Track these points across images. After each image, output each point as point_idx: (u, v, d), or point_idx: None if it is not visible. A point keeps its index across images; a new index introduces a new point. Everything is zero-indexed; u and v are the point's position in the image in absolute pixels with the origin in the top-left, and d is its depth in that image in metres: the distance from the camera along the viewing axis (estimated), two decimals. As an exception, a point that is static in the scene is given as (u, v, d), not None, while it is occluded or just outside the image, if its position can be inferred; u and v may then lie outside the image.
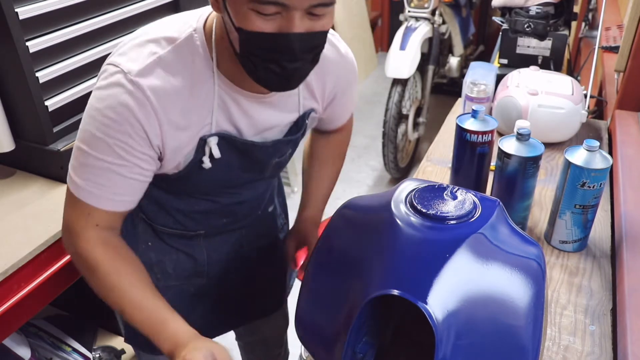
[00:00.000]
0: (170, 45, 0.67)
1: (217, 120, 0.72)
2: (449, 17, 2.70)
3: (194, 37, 0.68)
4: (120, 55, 0.68)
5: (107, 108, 0.65)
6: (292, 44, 0.61)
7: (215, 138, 0.72)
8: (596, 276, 0.80)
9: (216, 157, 0.73)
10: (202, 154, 0.73)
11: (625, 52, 1.18)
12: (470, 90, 1.15)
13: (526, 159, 0.80)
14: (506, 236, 0.59)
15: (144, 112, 0.65)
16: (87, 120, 0.67)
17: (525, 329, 0.52)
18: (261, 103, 0.74)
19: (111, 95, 0.65)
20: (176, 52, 0.67)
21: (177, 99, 0.67)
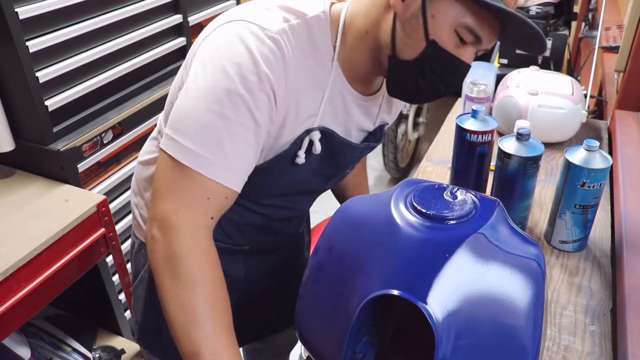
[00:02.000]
0: (300, 19, 0.63)
1: (323, 113, 0.68)
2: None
3: (322, 19, 0.64)
4: (245, 13, 0.62)
5: (247, 60, 0.57)
6: (464, 72, 0.64)
7: (318, 133, 0.68)
8: (596, 276, 0.80)
9: (315, 153, 0.68)
10: (298, 147, 0.67)
11: (625, 52, 1.18)
12: (470, 90, 1.15)
13: (526, 159, 0.80)
14: (506, 236, 0.59)
15: (279, 71, 0.59)
16: (216, 74, 0.58)
17: (525, 329, 0.52)
18: (359, 105, 0.72)
19: (249, 47, 0.58)
20: (306, 26, 0.63)
21: (300, 75, 0.62)
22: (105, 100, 1.16)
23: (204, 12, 1.45)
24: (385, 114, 0.80)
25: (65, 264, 0.94)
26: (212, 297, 0.57)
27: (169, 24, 1.30)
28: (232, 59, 0.58)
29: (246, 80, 0.57)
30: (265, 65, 0.58)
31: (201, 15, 1.44)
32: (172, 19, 1.31)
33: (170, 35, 1.34)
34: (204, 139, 0.56)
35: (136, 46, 1.22)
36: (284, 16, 0.62)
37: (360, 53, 0.65)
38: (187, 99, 0.59)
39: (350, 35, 0.65)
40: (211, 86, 0.57)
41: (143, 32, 1.22)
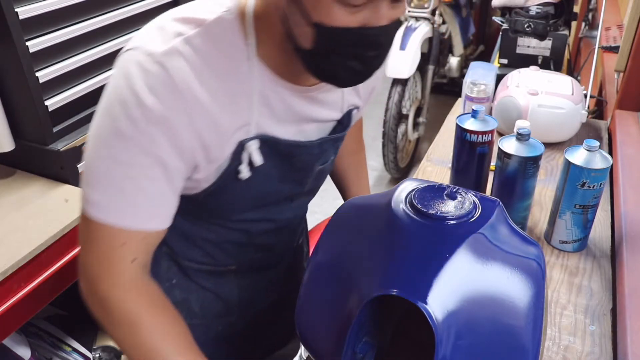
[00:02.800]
0: (198, 27, 0.57)
1: (258, 120, 0.61)
2: (449, 17, 2.70)
3: (225, 19, 0.58)
4: (139, 38, 0.57)
5: (129, 96, 0.54)
6: (379, 38, 0.54)
7: (257, 142, 0.62)
8: (596, 276, 0.80)
9: (257, 165, 0.63)
10: (238, 162, 0.62)
11: (625, 52, 1.18)
12: (470, 90, 1.15)
13: (526, 159, 0.80)
14: (506, 236, 0.59)
15: (172, 95, 0.54)
16: (104, 118, 0.55)
17: (525, 329, 0.52)
18: (305, 97, 0.65)
19: (132, 81, 0.54)
20: (207, 33, 0.57)
21: (208, 89, 0.56)
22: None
23: (204, 12, 1.44)
24: (353, 97, 0.74)
25: (65, 263, 0.94)
26: (158, 327, 0.58)
27: (169, 23, 1.30)
28: (116, 98, 0.55)
29: (132, 118, 0.54)
30: (152, 95, 0.53)
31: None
32: (172, 19, 1.31)
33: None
34: (104, 188, 0.55)
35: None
36: (178, 30, 0.56)
37: (279, 44, 0.58)
38: (87, 147, 0.58)
39: (264, 27, 0.58)
40: (101, 132, 0.55)
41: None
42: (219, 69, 0.57)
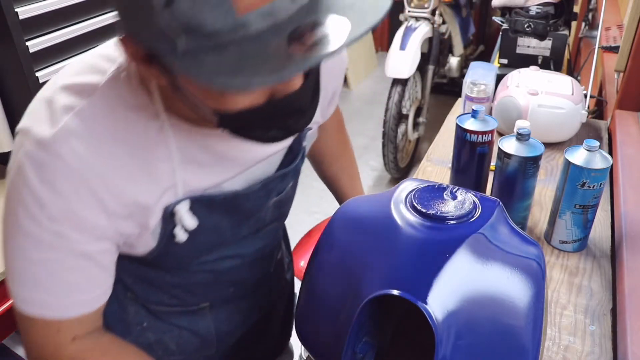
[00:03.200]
0: (90, 96, 0.50)
1: (184, 179, 0.55)
2: (449, 17, 2.70)
3: (120, 78, 0.52)
4: (28, 117, 0.51)
5: (27, 196, 0.49)
6: (294, 104, 0.48)
7: (186, 203, 0.56)
8: (596, 276, 0.80)
9: (191, 229, 0.58)
10: (172, 225, 0.57)
11: (625, 52, 1.18)
12: (470, 90, 1.15)
13: (526, 159, 0.80)
14: (506, 236, 0.59)
15: (72, 189, 0.49)
16: (9, 217, 0.51)
17: (525, 329, 0.52)
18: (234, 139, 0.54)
19: (26, 174, 0.48)
20: (100, 102, 0.50)
21: (113, 163, 0.50)
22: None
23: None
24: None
25: (65, 264, 0.94)
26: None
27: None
28: (16, 198, 0.50)
29: (34, 218, 0.49)
30: (49, 192, 0.49)
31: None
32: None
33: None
34: (25, 284, 0.52)
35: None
36: (67, 104, 0.50)
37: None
38: (2, 241, 0.54)
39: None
40: (10, 231, 0.52)
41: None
42: (123, 138, 0.51)
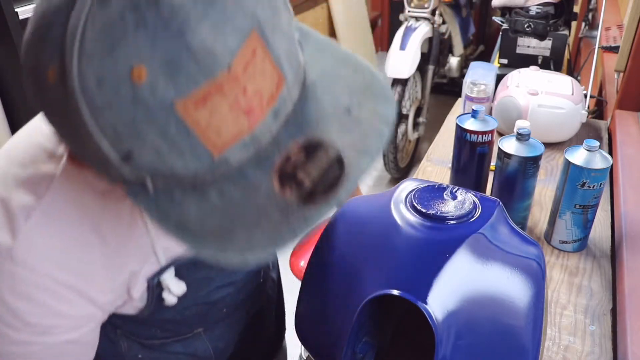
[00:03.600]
0: (47, 189, 0.45)
1: (164, 246, 0.53)
2: (449, 17, 2.70)
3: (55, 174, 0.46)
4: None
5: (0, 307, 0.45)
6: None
7: (171, 270, 0.54)
8: (596, 276, 0.80)
9: (179, 294, 0.56)
10: (159, 291, 0.55)
11: (625, 52, 1.18)
12: (470, 90, 1.15)
13: (526, 159, 0.80)
14: (506, 236, 0.59)
15: (43, 292, 0.45)
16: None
17: (525, 329, 0.52)
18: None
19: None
20: (60, 195, 0.46)
21: (89, 258, 0.47)
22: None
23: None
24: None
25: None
26: None
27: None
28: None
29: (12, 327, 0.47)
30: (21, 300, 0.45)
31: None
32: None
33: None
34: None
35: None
36: (24, 204, 0.45)
37: None
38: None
39: None
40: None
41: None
42: (95, 228, 0.48)
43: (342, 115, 0.38)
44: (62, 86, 0.33)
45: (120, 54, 0.31)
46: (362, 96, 0.40)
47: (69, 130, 0.36)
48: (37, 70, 0.35)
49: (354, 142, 0.38)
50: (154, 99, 0.32)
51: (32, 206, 0.45)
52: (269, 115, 0.35)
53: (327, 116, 0.38)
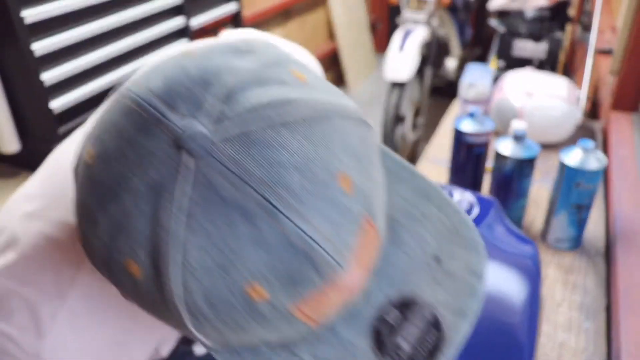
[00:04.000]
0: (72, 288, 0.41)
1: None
2: (447, 20, 2.72)
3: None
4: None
5: None
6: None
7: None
8: (591, 274, 0.81)
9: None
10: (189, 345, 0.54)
11: (619, 55, 1.19)
12: (467, 92, 1.17)
13: (522, 159, 0.82)
14: (502, 235, 0.60)
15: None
16: None
17: (521, 326, 0.54)
18: None
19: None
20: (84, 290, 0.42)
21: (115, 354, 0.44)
22: (108, 102, 1.17)
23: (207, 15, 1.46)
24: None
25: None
26: None
27: (173, 27, 1.31)
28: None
29: None
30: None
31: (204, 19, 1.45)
32: (175, 22, 1.32)
33: (174, 38, 1.35)
34: None
35: (141, 48, 1.23)
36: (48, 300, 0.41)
37: None
38: None
39: None
40: None
41: (147, 35, 1.23)
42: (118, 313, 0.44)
43: (431, 265, 0.35)
44: (156, 289, 0.30)
45: (235, 274, 0.28)
46: (450, 242, 0.36)
47: (153, 312, 0.32)
48: (110, 251, 0.30)
49: (448, 300, 0.35)
50: (271, 311, 0.30)
51: (58, 304, 0.41)
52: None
53: (417, 266, 0.35)
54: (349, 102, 0.33)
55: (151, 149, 0.29)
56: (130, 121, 0.30)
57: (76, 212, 0.33)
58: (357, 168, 0.31)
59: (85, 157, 0.32)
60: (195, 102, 0.29)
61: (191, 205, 0.28)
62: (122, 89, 0.33)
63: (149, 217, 0.29)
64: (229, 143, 0.28)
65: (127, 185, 0.29)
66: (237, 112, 0.29)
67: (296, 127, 0.29)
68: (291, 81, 0.31)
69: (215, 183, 0.28)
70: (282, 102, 0.30)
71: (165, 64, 0.33)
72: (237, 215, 0.28)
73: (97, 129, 0.32)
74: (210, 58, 0.31)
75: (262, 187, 0.28)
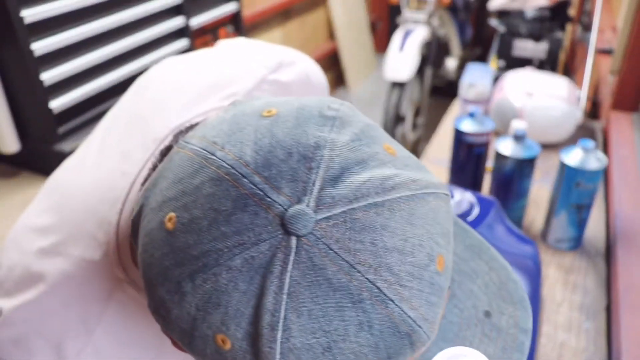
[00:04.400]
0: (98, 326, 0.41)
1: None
2: (447, 20, 2.72)
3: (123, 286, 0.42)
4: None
5: None
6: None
7: None
8: (591, 274, 0.81)
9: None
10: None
11: (620, 54, 1.19)
12: (467, 92, 1.17)
13: (522, 159, 0.82)
14: (503, 235, 0.60)
15: None
16: None
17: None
18: None
19: None
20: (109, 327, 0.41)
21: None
22: (110, 101, 1.17)
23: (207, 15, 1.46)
24: None
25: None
26: None
27: (173, 26, 1.32)
28: None
29: None
30: None
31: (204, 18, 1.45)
32: (175, 22, 1.32)
33: (173, 38, 1.35)
34: None
35: (140, 49, 1.23)
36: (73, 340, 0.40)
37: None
38: None
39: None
40: None
41: (147, 35, 1.23)
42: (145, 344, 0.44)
43: (482, 320, 0.37)
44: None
45: (338, 354, 0.28)
46: (499, 298, 0.38)
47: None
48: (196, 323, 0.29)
49: (497, 354, 0.36)
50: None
51: (84, 341, 0.41)
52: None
53: (469, 321, 0.36)
54: (433, 176, 0.34)
55: (251, 226, 0.28)
56: (225, 194, 0.29)
57: (150, 274, 0.31)
58: (447, 247, 0.32)
59: (164, 220, 0.30)
60: (300, 184, 0.28)
61: (295, 286, 0.27)
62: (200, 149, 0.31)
63: (248, 295, 0.28)
64: (334, 225, 0.28)
65: (223, 261, 0.28)
66: (341, 194, 0.28)
67: (397, 209, 0.29)
68: (385, 158, 0.31)
69: (321, 265, 0.27)
70: (383, 183, 0.30)
71: (246, 124, 0.31)
72: (346, 300, 0.27)
73: (175, 190, 0.30)
74: (300, 126, 0.31)
75: (370, 271, 0.28)
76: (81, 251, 0.40)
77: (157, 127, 0.43)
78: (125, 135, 0.44)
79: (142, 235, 0.32)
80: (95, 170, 0.43)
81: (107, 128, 0.46)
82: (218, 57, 0.52)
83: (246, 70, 0.50)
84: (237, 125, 0.32)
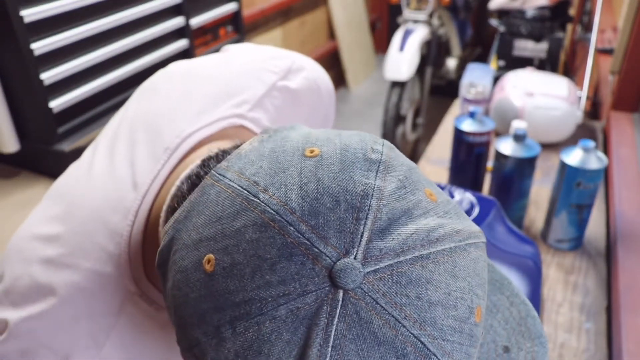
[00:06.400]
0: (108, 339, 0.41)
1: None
2: (447, 20, 2.72)
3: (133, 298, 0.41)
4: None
5: None
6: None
7: None
8: (591, 274, 0.81)
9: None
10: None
11: (620, 54, 1.19)
12: (467, 91, 1.17)
13: (523, 159, 0.82)
14: (503, 235, 0.60)
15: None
16: None
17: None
18: None
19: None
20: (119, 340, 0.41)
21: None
22: (110, 101, 1.17)
23: (207, 15, 1.46)
24: None
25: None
26: None
27: (172, 26, 1.31)
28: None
29: None
30: None
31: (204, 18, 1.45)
32: (175, 21, 1.32)
33: (173, 38, 1.35)
34: None
35: (140, 48, 1.23)
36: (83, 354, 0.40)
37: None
38: None
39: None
40: None
41: (147, 35, 1.23)
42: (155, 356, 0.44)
43: (501, 356, 0.37)
44: None
45: None
46: (518, 334, 0.38)
47: None
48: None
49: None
50: None
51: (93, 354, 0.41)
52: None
53: (488, 355, 0.37)
54: (472, 222, 0.34)
55: (297, 277, 0.27)
56: (270, 241, 0.28)
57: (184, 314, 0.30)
58: (484, 297, 0.32)
59: (201, 261, 0.29)
60: (348, 235, 0.28)
61: (340, 339, 0.27)
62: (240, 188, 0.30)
63: (291, 345, 0.27)
64: (381, 279, 0.28)
65: (267, 310, 0.27)
66: (388, 247, 0.28)
67: (442, 262, 0.29)
68: (428, 205, 0.31)
69: (367, 319, 0.27)
70: (428, 235, 0.29)
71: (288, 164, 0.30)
72: (390, 354, 0.27)
73: (213, 230, 0.30)
74: (346, 170, 0.30)
75: (415, 326, 0.28)
76: (92, 263, 0.40)
77: (168, 136, 0.43)
78: (134, 144, 0.43)
79: (174, 271, 0.31)
80: (104, 179, 0.42)
81: (114, 134, 0.45)
82: (227, 63, 0.51)
83: (256, 77, 0.50)
84: (279, 165, 0.31)
